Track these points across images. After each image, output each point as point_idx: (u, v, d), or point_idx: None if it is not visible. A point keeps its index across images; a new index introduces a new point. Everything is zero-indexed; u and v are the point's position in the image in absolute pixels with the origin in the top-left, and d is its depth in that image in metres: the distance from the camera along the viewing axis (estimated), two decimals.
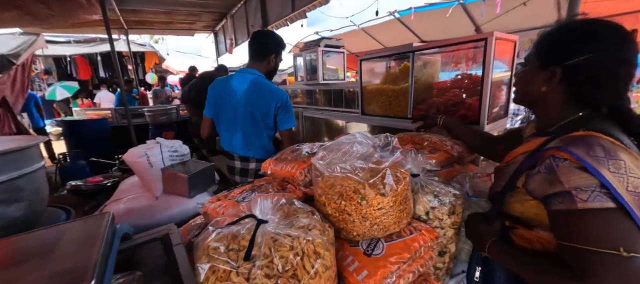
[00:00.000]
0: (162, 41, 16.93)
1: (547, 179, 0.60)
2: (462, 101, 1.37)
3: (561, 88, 0.67)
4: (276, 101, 1.54)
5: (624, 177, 0.51)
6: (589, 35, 0.62)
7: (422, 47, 1.47)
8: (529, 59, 0.75)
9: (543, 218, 0.63)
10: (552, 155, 0.61)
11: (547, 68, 0.68)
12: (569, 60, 0.64)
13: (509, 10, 4.02)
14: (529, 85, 0.73)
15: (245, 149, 1.72)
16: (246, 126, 1.63)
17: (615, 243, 0.49)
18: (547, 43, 0.69)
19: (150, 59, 9.38)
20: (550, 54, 0.68)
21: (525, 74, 0.76)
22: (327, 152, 0.72)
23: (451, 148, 1.13)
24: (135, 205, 1.77)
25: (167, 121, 4.93)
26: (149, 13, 4.91)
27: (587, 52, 0.62)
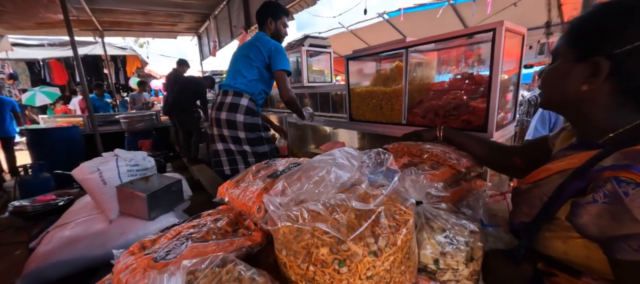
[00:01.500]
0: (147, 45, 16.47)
1: (611, 213, 0.41)
2: (465, 103, 1.17)
3: (609, 85, 0.50)
4: (272, 45, 1.68)
5: None
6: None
7: (417, 42, 1.28)
8: (559, 51, 0.57)
9: (596, 263, 0.45)
10: (614, 177, 0.42)
11: (587, 60, 0.50)
12: (619, 47, 0.46)
13: (500, 10, 3.94)
14: (563, 84, 0.55)
15: (232, 80, 1.74)
16: (241, 61, 1.73)
17: None
18: (586, 29, 0.52)
19: (132, 63, 8.97)
20: (591, 41, 0.51)
21: (556, 71, 0.58)
22: (291, 181, 0.49)
23: (457, 162, 0.92)
24: (84, 231, 1.48)
25: (144, 128, 4.60)
26: (124, 13, 4.60)
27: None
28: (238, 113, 1.67)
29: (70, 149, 4.08)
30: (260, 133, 1.75)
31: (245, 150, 1.74)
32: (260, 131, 1.75)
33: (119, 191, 1.55)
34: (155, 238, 0.60)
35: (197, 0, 4.36)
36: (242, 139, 1.71)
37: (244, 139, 1.70)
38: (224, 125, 1.71)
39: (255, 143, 1.73)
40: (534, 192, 0.57)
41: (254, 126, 1.72)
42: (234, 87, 1.70)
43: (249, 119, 1.69)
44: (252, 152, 1.72)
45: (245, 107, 1.67)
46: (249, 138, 1.71)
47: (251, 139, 1.71)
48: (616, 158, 0.45)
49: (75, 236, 1.44)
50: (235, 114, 1.67)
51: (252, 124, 1.71)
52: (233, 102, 1.67)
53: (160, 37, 6.43)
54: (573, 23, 0.55)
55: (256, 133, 1.73)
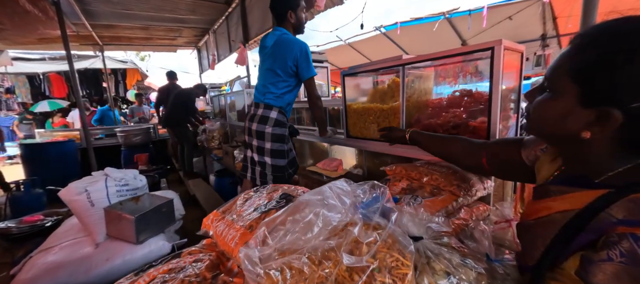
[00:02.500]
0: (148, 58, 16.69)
1: (630, 275, 0.36)
2: (465, 122, 1.13)
3: (615, 136, 0.43)
4: (297, 51, 1.66)
5: None
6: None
7: (413, 60, 1.25)
8: (558, 84, 0.47)
9: None
10: (631, 234, 0.37)
11: (594, 107, 0.43)
12: (633, 100, 0.39)
13: (495, 24, 3.98)
14: (559, 124, 0.48)
15: (261, 95, 1.78)
16: (268, 76, 1.76)
17: None
18: (597, 70, 0.42)
19: (132, 75, 9.02)
20: (603, 87, 0.41)
21: (552, 108, 0.48)
22: (273, 229, 0.44)
23: (458, 187, 0.87)
24: (68, 257, 1.41)
25: (141, 141, 4.56)
26: (125, 28, 4.65)
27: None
28: (267, 125, 1.73)
29: (65, 163, 4.02)
30: (284, 145, 1.78)
31: (265, 161, 1.77)
32: (285, 143, 1.79)
33: (106, 213, 1.49)
34: (128, 283, 0.54)
35: (197, 15, 4.40)
36: (267, 149, 1.75)
37: (268, 150, 1.75)
38: (254, 135, 1.78)
39: (277, 155, 1.76)
40: (536, 232, 0.52)
41: (281, 137, 1.76)
42: (263, 101, 1.76)
43: (277, 130, 1.74)
44: (272, 165, 1.76)
45: (274, 119, 1.73)
46: (273, 149, 1.75)
47: (275, 151, 1.75)
48: (628, 209, 0.39)
49: (58, 262, 1.37)
50: (265, 126, 1.73)
51: (279, 135, 1.75)
52: (263, 114, 1.74)
53: (160, 51, 6.50)
54: (580, 56, 0.45)
55: (280, 145, 1.77)
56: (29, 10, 2.37)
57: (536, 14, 3.69)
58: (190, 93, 4.12)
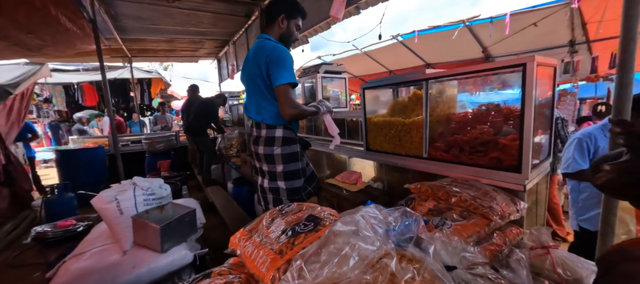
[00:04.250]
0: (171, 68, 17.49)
1: None
2: (495, 139, 1.08)
3: None
4: (266, 55, 1.41)
5: None
6: None
7: (439, 75, 1.23)
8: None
9: None
10: None
11: None
12: None
13: (519, 30, 3.84)
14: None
15: (256, 114, 1.59)
16: (253, 89, 1.57)
17: None
18: None
19: (157, 84, 9.50)
20: None
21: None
22: (309, 259, 0.43)
23: (490, 210, 0.83)
24: (97, 263, 1.47)
25: (164, 149, 4.75)
26: (151, 41, 4.92)
27: None
28: (275, 146, 1.54)
29: (95, 169, 4.27)
30: (298, 163, 1.59)
31: (278, 187, 1.60)
32: (298, 161, 1.59)
33: (134, 221, 1.55)
34: None
35: (218, 28, 4.59)
36: (279, 173, 1.57)
37: (280, 174, 1.57)
38: (263, 160, 1.60)
39: (291, 177, 1.58)
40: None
41: (293, 156, 1.57)
42: (263, 122, 1.56)
43: (287, 149, 1.56)
44: (286, 189, 1.58)
45: (281, 138, 1.54)
46: (286, 171, 1.57)
47: (288, 173, 1.57)
48: None
49: (89, 268, 1.44)
50: (273, 148, 1.55)
51: (290, 154, 1.57)
52: (268, 136, 1.55)
53: (183, 61, 6.80)
54: None
55: (294, 164, 1.58)
56: (69, 28, 2.57)
57: (564, 20, 3.52)
58: (212, 102, 4.33)
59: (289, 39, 1.57)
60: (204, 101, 4.31)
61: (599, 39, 3.89)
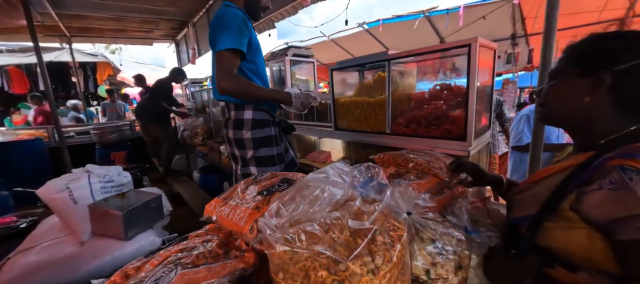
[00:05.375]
0: (119, 51, 15.73)
1: (616, 198, 0.46)
2: (446, 114, 1.23)
3: (610, 97, 0.56)
4: (213, 20, 1.21)
5: None
6: (631, 40, 0.55)
7: (398, 55, 1.33)
8: (560, 71, 0.64)
9: (596, 254, 0.49)
10: (619, 165, 0.48)
11: (591, 76, 0.57)
12: (619, 64, 0.54)
13: (470, 23, 4.21)
14: (567, 97, 0.61)
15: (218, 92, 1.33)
16: (212, 65, 1.30)
17: None
18: (587, 50, 0.60)
19: (103, 70, 8.49)
20: (595, 59, 0.57)
21: (559, 88, 0.64)
22: (286, 201, 0.49)
23: (440, 171, 0.96)
24: (51, 256, 1.36)
25: (118, 139, 4.34)
26: (95, 19, 4.37)
27: (635, 58, 0.52)
28: (244, 129, 1.37)
29: (33, 164, 3.75)
30: (272, 149, 1.42)
31: (251, 173, 1.42)
32: (273, 146, 1.42)
33: (91, 210, 1.44)
34: (140, 265, 0.56)
35: (175, 7, 4.24)
36: (250, 158, 1.40)
37: (251, 159, 1.40)
38: (233, 144, 1.44)
39: (264, 163, 1.41)
40: (538, 188, 0.63)
41: (265, 140, 1.40)
42: (231, 100, 1.37)
43: (259, 133, 1.37)
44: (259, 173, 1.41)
45: (251, 121, 1.36)
46: (258, 157, 1.39)
47: (260, 159, 1.40)
48: (620, 151, 0.50)
49: (41, 262, 1.32)
50: (242, 131, 1.38)
51: (262, 139, 1.39)
52: (237, 118, 1.37)
53: (134, 43, 6.17)
54: (573, 47, 0.63)
55: (267, 150, 1.41)
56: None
57: (507, 14, 3.95)
58: (166, 83, 3.89)
59: (257, 5, 1.35)
60: (157, 83, 3.94)
61: (535, 33, 4.44)
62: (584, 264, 0.52)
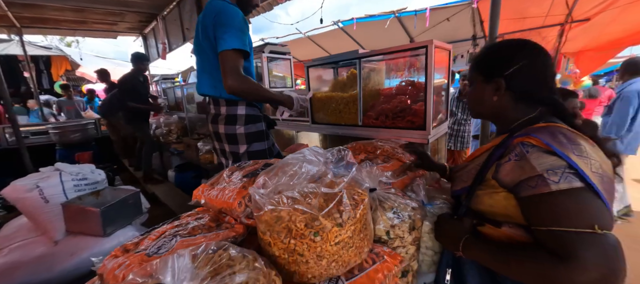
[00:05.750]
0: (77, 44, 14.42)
1: (519, 166, 0.61)
2: (409, 107, 1.39)
3: (508, 94, 0.73)
4: (214, 16, 1.19)
5: (588, 160, 0.55)
6: (518, 49, 0.72)
7: (368, 54, 1.47)
8: (473, 78, 0.81)
9: (512, 211, 0.64)
10: (521, 142, 0.63)
11: (491, 81, 0.74)
12: (507, 70, 0.71)
13: (436, 24, 4.52)
14: (482, 99, 0.78)
15: (212, 88, 1.36)
16: (204, 61, 1.33)
17: (591, 221, 0.51)
18: (485, 62, 0.78)
19: (59, 64, 7.79)
20: (491, 69, 0.75)
21: (476, 92, 0.80)
22: (270, 176, 0.59)
23: (403, 155, 1.11)
24: (23, 257, 1.32)
25: (81, 139, 4.08)
26: (51, 9, 4.03)
27: (520, 61, 0.69)
28: (238, 125, 1.39)
29: None
30: (264, 143, 1.47)
31: None
32: (264, 141, 1.47)
33: (65, 208, 1.41)
34: (137, 240, 0.63)
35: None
36: (243, 154, 1.43)
37: (244, 155, 1.43)
38: (224, 139, 1.44)
39: (257, 158, 1.39)
40: (471, 166, 0.79)
41: (258, 135, 1.44)
42: (221, 97, 1.37)
43: (252, 128, 1.41)
44: None
45: (244, 116, 1.38)
46: (250, 152, 1.43)
47: (253, 153, 1.44)
48: (521, 131, 0.67)
49: (12, 263, 1.28)
50: (235, 126, 1.39)
51: (255, 133, 1.43)
52: (229, 113, 1.39)
53: (97, 36, 5.74)
54: (476, 59, 0.80)
55: (259, 145, 1.46)
56: None
57: (467, 17, 4.31)
58: (131, 79, 3.46)
59: (249, 2, 1.36)
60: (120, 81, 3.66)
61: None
62: (505, 220, 0.69)
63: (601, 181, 0.54)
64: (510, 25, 4.40)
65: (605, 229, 0.51)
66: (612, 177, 0.58)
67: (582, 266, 0.49)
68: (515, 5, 3.83)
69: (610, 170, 0.59)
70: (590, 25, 3.97)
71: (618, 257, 0.50)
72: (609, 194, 0.54)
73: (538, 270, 0.54)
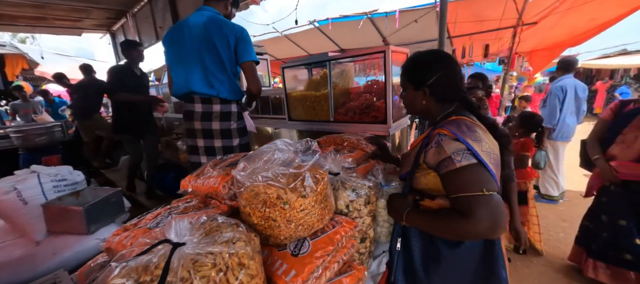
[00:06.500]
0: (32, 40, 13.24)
1: (437, 151, 0.80)
2: (373, 104, 1.57)
3: (433, 98, 0.91)
4: (235, 32, 1.47)
5: (480, 143, 0.75)
6: (435, 61, 0.89)
7: (337, 57, 1.63)
8: (405, 85, 0.97)
9: (440, 186, 0.82)
10: (438, 133, 0.82)
11: (420, 89, 0.91)
12: (429, 81, 0.89)
13: (406, 25, 4.81)
14: (414, 103, 0.95)
15: (207, 86, 1.51)
16: (206, 60, 1.48)
17: (480, 186, 0.70)
18: (412, 75, 0.94)
19: (15, 63, 7.20)
20: (417, 80, 0.91)
21: (408, 97, 0.97)
22: (249, 162, 0.72)
23: (366, 146, 1.29)
24: (4, 259, 1.34)
25: (47, 142, 3.87)
26: (7, 5, 3.78)
27: (436, 73, 0.88)
28: (232, 121, 1.58)
29: None
30: (238, 140, 1.64)
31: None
32: (238, 138, 1.64)
33: (46, 208, 1.44)
34: (136, 222, 0.74)
35: None
36: (218, 148, 1.59)
37: (219, 149, 1.59)
38: (217, 135, 1.58)
39: (245, 149, 1.65)
40: (411, 153, 0.97)
41: (230, 131, 1.61)
42: (218, 96, 1.53)
43: (242, 123, 1.63)
44: None
45: (237, 114, 1.60)
46: (242, 144, 1.62)
47: (243, 146, 1.63)
48: (439, 124, 0.85)
49: None
50: (230, 122, 1.58)
51: (243, 129, 1.64)
52: (224, 111, 1.56)
53: (59, 33, 5.42)
54: (405, 70, 0.96)
55: (246, 138, 1.68)
56: None
57: (433, 19, 4.64)
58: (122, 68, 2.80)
59: (230, 15, 1.66)
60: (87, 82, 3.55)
61: (457, 36, 5.28)
62: (437, 194, 0.88)
63: (489, 158, 0.74)
64: (471, 27, 4.81)
65: (491, 191, 0.70)
66: (498, 154, 0.78)
67: (476, 219, 0.68)
68: (473, 10, 4.20)
69: (497, 148, 0.80)
70: (538, 28, 4.46)
71: (500, 211, 0.69)
72: (495, 167, 0.74)
73: (451, 226, 0.74)
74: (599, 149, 1.68)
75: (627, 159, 1.51)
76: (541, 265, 2.26)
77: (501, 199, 0.72)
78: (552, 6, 3.88)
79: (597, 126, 1.73)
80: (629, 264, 1.63)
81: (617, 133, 1.55)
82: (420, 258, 0.90)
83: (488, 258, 0.81)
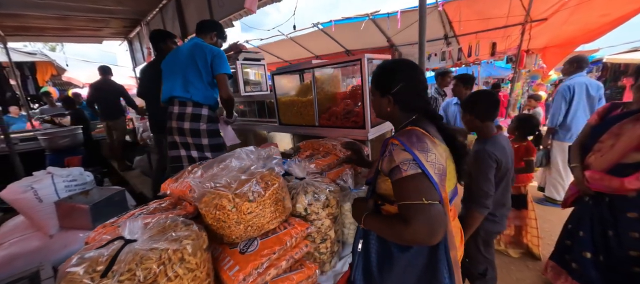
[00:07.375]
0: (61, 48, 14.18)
1: (389, 160, 0.85)
2: (353, 109, 1.63)
3: (397, 106, 0.95)
4: (213, 51, 1.80)
5: (426, 154, 0.79)
6: (399, 71, 0.94)
7: (320, 65, 1.70)
8: (373, 92, 1.01)
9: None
10: (391, 142, 0.87)
11: (385, 97, 0.96)
12: (393, 89, 0.93)
13: (408, 25, 4.77)
14: (381, 109, 1.00)
15: (183, 91, 1.82)
16: (186, 71, 1.81)
17: (421, 196, 0.74)
18: (379, 82, 0.98)
19: (45, 70, 7.80)
20: (383, 88, 0.96)
21: (376, 103, 1.02)
22: (206, 169, 0.82)
23: (339, 151, 1.35)
24: (21, 249, 1.53)
25: (70, 144, 4.21)
26: (35, 18, 4.14)
27: (400, 82, 0.92)
28: (201, 122, 1.83)
29: None
30: (207, 140, 1.88)
31: (207, 156, 1.88)
32: (207, 138, 1.88)
33: (58, 206, 1.61)
34: (113, 221, 0.85)
35: (125, 6, 4.19)
36: (205, 145, 1.86)
37: (206, 146, 1.86)
38: (188, 133, 1.85)
39: (216, 149, 1.89)
40: (376, 161, 1.02)
41: (216, 132, 1.90)
42: (191, 99, 1.81)
43: (212, 126, 1.87)
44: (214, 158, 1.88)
45: (207, 116, 1.85)
46: (211, 144, 1.87)
47: (213, 146, 1.88)
48: (392, 136, 0.90)
49: (12, 255, 1.47)
50: (199, 123, 1.83)
51: (214, 130, 1.89)
52: (194, 112, 1.82)
53: (81, 42, 5.83)
54: (374, 78, 0.99)
55: (218, 139, 1.92)
56: None
57: (437, 18, 4.57)
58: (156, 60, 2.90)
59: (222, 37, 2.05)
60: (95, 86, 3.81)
61: (463, 34, 5.17)
62: (395, 199, 0.93)
63: (433, 168, 0.78)
64: (477, 25, 4.69)
65: (431, 201, 0.74)
66: (443, 164, 0.82)
67: (414, 226, 0.73)
68: (476, 8, 4.11)
69: (443, 159, 0.83)
70: (549, 25, 4.28)
71: (438, 221, 0.73)
72: (439, 177, 0.78)
73: (395, 231, 0.79)
74: (579, 156, 1.59)
75: (601, 169, 1.42)
76: (536, 270, 2.22)
77: (441, 208, 0.75)
78: (561, 2, 3.73)
79: (583, 130, 1.65)
80: (574, 273, 1.63)
81: (597, 140, 1.46)
82: (376, 259, 0.96)
83: (432, 262, 0.85)
